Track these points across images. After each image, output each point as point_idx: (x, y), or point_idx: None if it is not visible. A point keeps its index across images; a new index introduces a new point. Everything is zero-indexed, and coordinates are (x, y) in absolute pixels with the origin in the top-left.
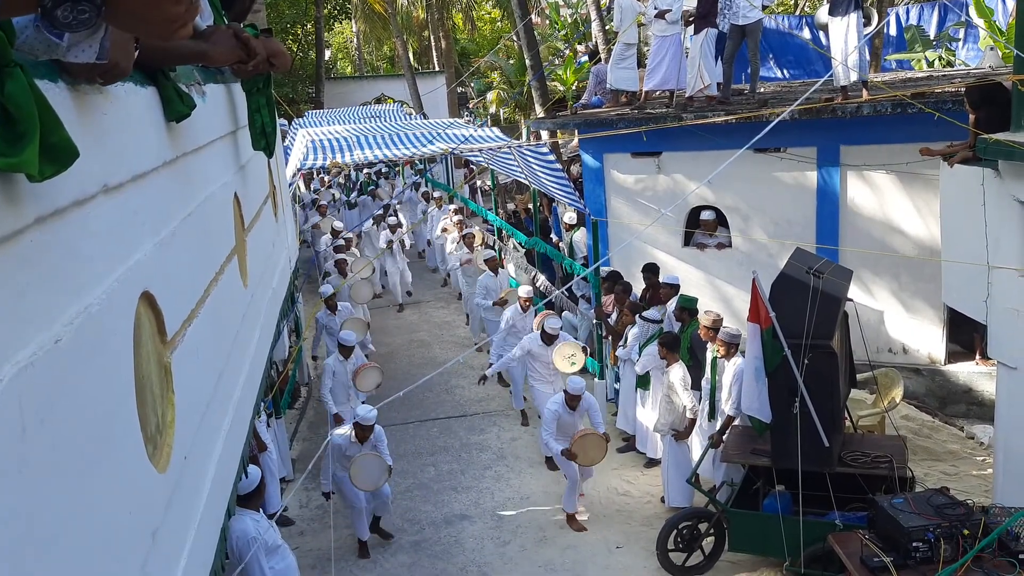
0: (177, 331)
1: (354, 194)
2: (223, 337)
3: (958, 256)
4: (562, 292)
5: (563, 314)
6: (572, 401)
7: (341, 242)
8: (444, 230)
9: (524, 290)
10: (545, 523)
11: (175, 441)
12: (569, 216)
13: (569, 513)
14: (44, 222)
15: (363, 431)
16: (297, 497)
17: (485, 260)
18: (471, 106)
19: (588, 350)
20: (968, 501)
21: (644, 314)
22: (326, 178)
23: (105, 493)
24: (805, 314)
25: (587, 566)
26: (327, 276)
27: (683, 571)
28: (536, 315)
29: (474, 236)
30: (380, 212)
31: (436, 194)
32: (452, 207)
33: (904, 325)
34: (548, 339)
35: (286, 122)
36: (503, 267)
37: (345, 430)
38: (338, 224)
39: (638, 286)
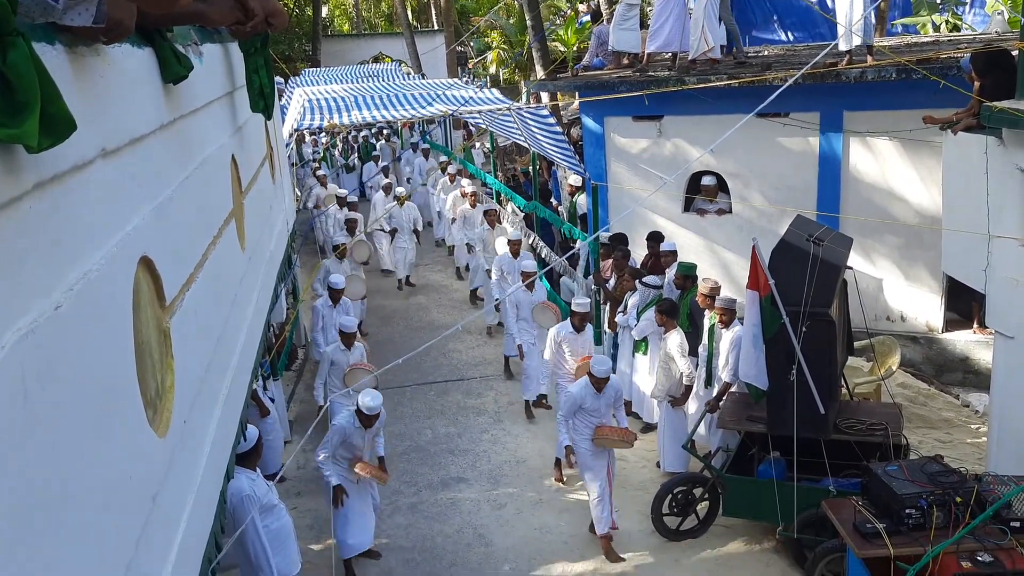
0: (176, 296)
1: (352, 157)
2: (221, 301)
3: (959, 225)
4: (562, 260)
5: (562, 280)
6: (598, 384)
7: (350, 214)
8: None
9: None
10: (541, 486)
11: (175, 406)
12: (574, 179)
13: (603, 536)
14: (43, 188)
15: (370, 420)
16: (296, 459)
17: (485, 212)
18: (470, 66)
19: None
20: (961, 469)
21: (645, 280)
22: (321, 139)
23: (106, 457)
24: (804, 282)
25: (582, 529)
26: (335, 250)
27: (677, 535)
28: (538, 290)
29: (495, 212)
30: (387, 182)
31: (452, 168)
32: (465, 182)
33: (903, 293)
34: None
35: (282, 80)
36: (500, 223)
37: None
38: (340, 191)
39: (636, 251)
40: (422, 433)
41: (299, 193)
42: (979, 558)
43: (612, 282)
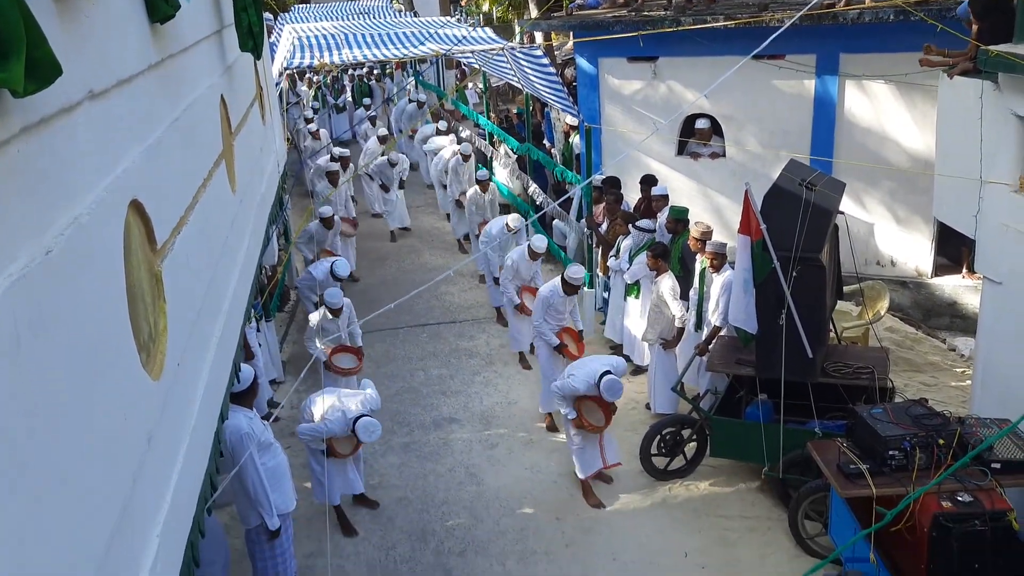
0: (167, 239)
1: (342, 98)
2: (213, 244)
3: (952, 170)
4: (555, 205)
5: (554, 223)
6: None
7: (336, 167)
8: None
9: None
10: (532, 427)
11: (168, 349)
12: (571, 119)
13: (583, 479)
14: (30, 132)
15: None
16: (289, 399)
17: (477, 180)
18: (463, 3)
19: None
20: (945, 412)
21: (638, 224)
22: (312, 78)
23: (100, 400)
24: (795, 226)
25: (572, 469)
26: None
27: (665, 475)
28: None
29: (488, 184)
30: (384, 133)
31: (440, 124)
32: (465, 133)
33: (894, 238)
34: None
35: (271, 17)
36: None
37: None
38: (331, 165)
39: (629, 195)
40: (414, 375)
41: (290, 135)
42: (959, 498)
43: (604, 226)
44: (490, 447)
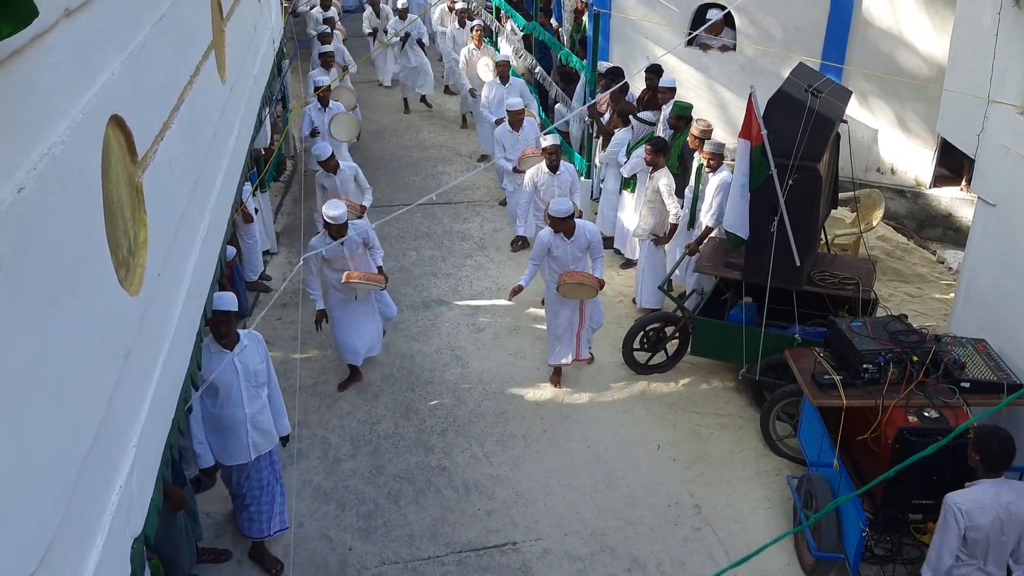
0: (148, 148)
1: None
2: (199, 142)
3: (961, 85)
4: (558, 89)
5: (556, 106)
6: (558, 226)
7: (326, 28)
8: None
9: (550, 139)
10: (519, 314)
11: (148, 261)
12: None
13: (553, 365)
14: (1, 67)
15: (337, 231)
16: (281, 270)
17: (497, 63)
18: None
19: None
20: (924, 329)
21: (639, 115)
22: None
23: (77, 323)
24: (797, 133)
25: None
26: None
27: (645, 369)
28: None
29: (481, 28)
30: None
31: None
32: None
33: (897, 145)
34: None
35: None
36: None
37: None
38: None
39: (635, 85)
40: (406, 254)
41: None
42: (926, 414)
43: (607, 116)
44: (477, 331)
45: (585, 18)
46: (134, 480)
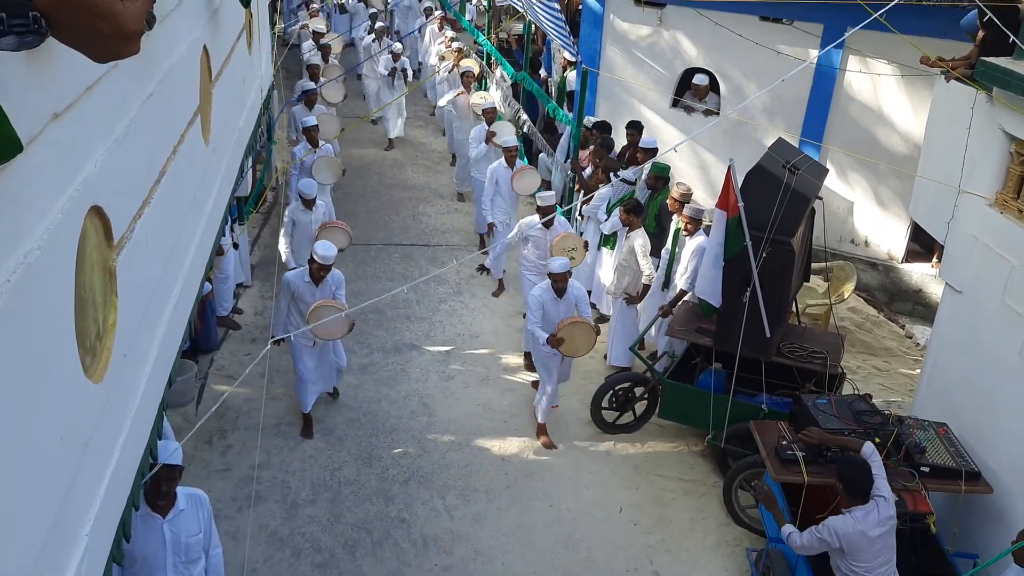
0: (125, 231)
1: None
2: (177, 211)
3: (934, 172)
4: (542, 142)
5: (539, 157)
6: (558, 282)
7: (316, 61)
8: (441, 57)
9: (508, 140)
10: (490, 364)
11: (115, 344)
12: (567, 55)
13: (541, 424)
14: None
15: (320, 269)
16: (253, 304)
17: (462, 74)
18: None
19: (588, 244)
20: (887, 409)
21: (621, 174)
22: None
23: (37, 425)
24: (773, 208)
25: (523, 410)
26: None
27: (613, 428)
28: (519, 166)
29: (472, 75)
30: (382, 25)
31: (438, 12)
32: (449, 33)
33: (872, 219)
34: (545, 219)
35: None
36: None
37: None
38: (319, 26)
39: (619, 140)
40: (381, 296)
41: (281, 24)
42: None
43: (588, 171)
44: (446, 379)
45: (567, 73)
46: (84, 569)
